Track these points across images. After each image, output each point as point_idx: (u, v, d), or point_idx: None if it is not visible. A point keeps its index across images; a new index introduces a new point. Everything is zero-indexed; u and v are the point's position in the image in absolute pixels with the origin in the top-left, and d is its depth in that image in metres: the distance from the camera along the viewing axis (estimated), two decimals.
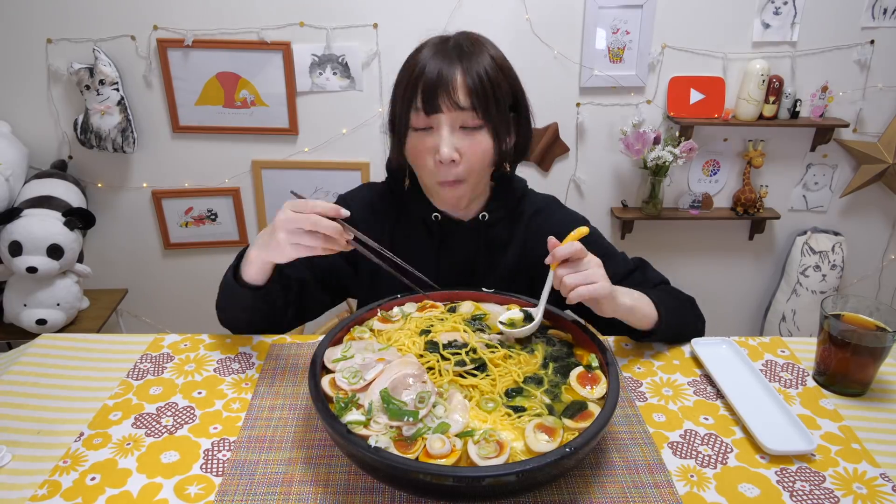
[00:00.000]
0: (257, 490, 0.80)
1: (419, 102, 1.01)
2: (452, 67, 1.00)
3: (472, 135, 1.03)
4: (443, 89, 0.99)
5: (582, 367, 0.89)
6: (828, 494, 0.80)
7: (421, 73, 1.01)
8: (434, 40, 1.06)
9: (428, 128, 1.04)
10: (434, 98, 1.00)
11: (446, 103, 1.00)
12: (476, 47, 1.04)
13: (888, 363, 1.01)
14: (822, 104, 2.22)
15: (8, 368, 1.03)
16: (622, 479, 0.82)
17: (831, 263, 2.43)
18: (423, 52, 1.04)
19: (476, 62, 1.01)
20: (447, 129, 1.02)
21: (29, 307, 1.99)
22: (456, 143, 1.03)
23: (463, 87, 1.00)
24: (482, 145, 1.05)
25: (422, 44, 1.07)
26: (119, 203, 2.31)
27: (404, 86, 1.04)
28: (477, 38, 1.07)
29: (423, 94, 1.00)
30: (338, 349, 0.92)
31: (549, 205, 1.24)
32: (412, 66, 1.04)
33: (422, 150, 1.06)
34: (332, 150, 2.28)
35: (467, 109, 1.01)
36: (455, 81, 1.00)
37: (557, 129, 2.27)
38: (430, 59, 1.02)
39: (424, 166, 1.08)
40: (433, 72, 1.00)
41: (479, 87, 1.00)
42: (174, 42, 2.08)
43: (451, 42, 1.04)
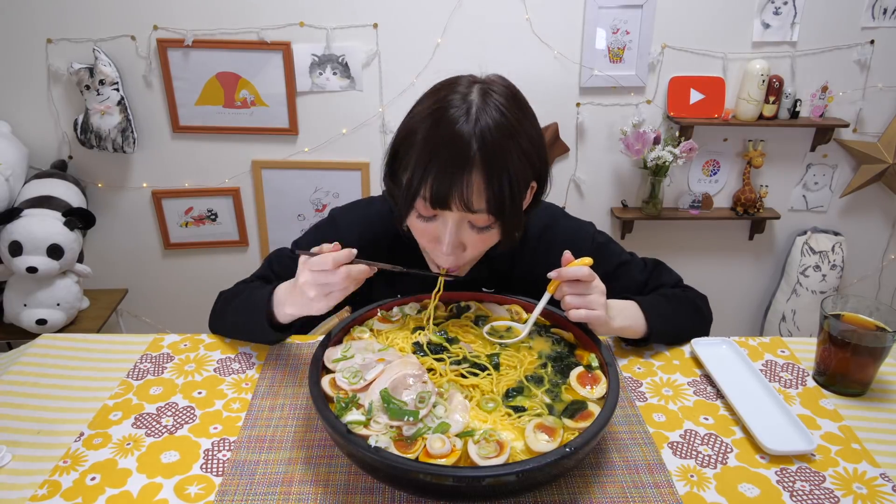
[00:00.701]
0: (257, 490, 0.80)
1: (427, 193, 0.88)
2: (471, 171, 0.86)
3: (481, 231, 0.94)
4: (456, 192, 0.87)
5: (582, 367, 0.89)
6: (828, 494, 0.80)
7: (435, 157, 0.87)
8: (454, 106, 0.88)
9: (433, 217, 0.94)
10: (445, 196, 0.88)
11: (457, 205, 0.88)
12: (504, 137, 0.87)
13: (888, 363, 1.01)
14: (822, 104, 2.22)
15: (8, 368, 1.03)
16: (622, 479, 0.82)
17: (831, 263, 2.43)
18: (441, 122, 0.87)
19: (499, 163, 0.87)
20: (454, 226, 0.92)
21: (29, 307, 1.99)
22: (461, 238, 0.95)
23: (479, 195, 0.88)
24: (490, 240, 0.97)
25: (441, 100, 0.90)
26: (119, 203, 2.31)
27: (415, 163, 0.89)
28: (506, 118, 0.89)
29: (435, 186, 0.88)
30: (338, 349, 0.92)
31: (554, 220, 1.16)
32: (428, 141, 0.88)
33: (423, 233, 0.97)
34: (332, 150, 2.28)
35: (481, 212, 0.90)
36: (472, 187, 0.87)
37: (557, 129, 2.27)
38: (448, 139, 0.86)
39: (423, 245, 1.01)
40: (449, 163, 0.86)
41: (498, 196, 0.88)
42: (174, 42, 2.08)
43: (472, 113, 0.87)
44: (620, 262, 1.17)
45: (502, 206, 0.89)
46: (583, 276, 0.93)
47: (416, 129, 0.90)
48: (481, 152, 0.86)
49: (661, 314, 1.08)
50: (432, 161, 0.87)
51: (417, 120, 0.91)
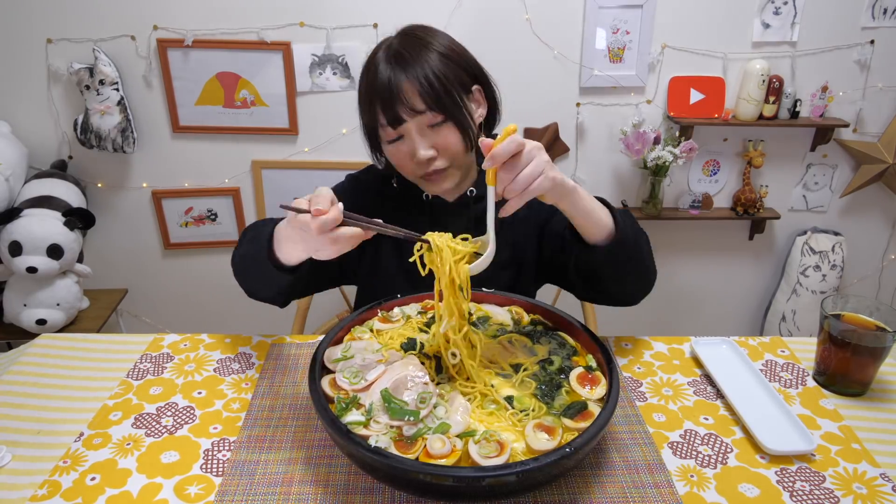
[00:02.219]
0: (257, 490, 0.80)
1: (382, 119, 1.08)
2: (399, 77, 1.05)
3: (439, 130, 1.08)
4: (398, 101, 1.04)
5: (582, 367, 0.89)
6: (828, 494, 0.80)
7: (374, 90, 1.07)
8: (381, 50, 1.10)
9: (399, 137, 1.10)
10: (393, 111, 1.05)
11: (406, 112, 1.05)
12: (417, 48, 1.07)
13: (888, 363, 1.01)
14: (822, 104, 2.22)
15: (8, 368, 1.03)
16: (622, 479, 0.82)
17: (831, 263, 2.43)
18: (371, 66, 1.10)
19: (419, 64, 1.05)
20: (416, 134, 1.08)
21: (29, 307, 1.99)
22: (429, 142, 1.08)
23: (414, 94, 1.04)
24: (451, 137, 1.09)
25: (372, 52, 1.12)
26: (119, 203, 2.31)
27: (365, 105, 1.11)
28: (418, 36, 1.11)
29: (383, 110, 1.07)
30: (338, 349, 0.92)
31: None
32: (366, 83, 1.11)
33: (400, 157, 1.12)
34: (331, 150, 2.27)
35: (426, 112, 1.05)
36: (406, 91, 1.04)
37: (557, 129, 2.27)
38: (378, 73, 1.07)
39: (407, 169, 1.14)
40: (384, 87, 1.05)
41: (428, 89, 1.04)
42: (174, 42, 2.08)
43: (394, 49, 1.08)
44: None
45: (439, 97, 1.05)
46: (514, 149, 0.82)
47: (360, 84, 1.13)
48: (403, 67, 1.05)
49: (626, 222, 1.00)
50: (373, 95, 1.07)
51: (360, 78, 1.14)
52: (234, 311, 2.42)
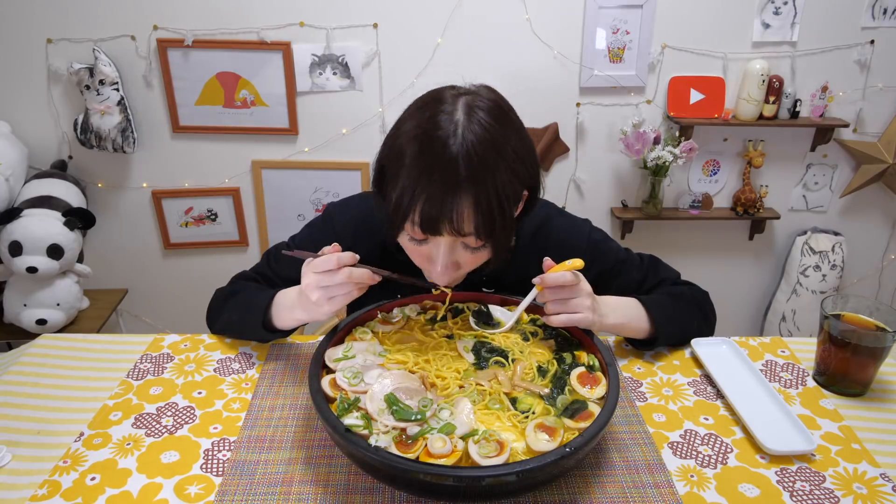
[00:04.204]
0: (257, 490, 0.80)
1: (416, 219, 0.87)
2: (460, 196, 0.84)
3: (473, 251, 0.93)
4: (446, 218, 0.85)
5: (583, 367, 0.89)
6: (828, 494, 0.80)
7: (421, 193, 0.85)
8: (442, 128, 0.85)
9: (425, 240, 0.93)
10: (436, 223, 0.86)
11: (448, 229, 0.87)
12: (492, 155, 0.85)
13: (888, 363, 1.01)
14: (822, 104, 2.22)
15: (8, 368, 1.03)
16: (622, 479, 0.82)
17: (831, 263, 2.43)
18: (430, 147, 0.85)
19: (490, 187, 0.85)
20: (446, 248, 0.91)
21: (29, 307, 1.99)
22: (454, 258, 0.94)
23: (469, 219, 0.86)
24: (482, 257, 0.96)
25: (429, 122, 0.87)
26: (119, 203, 2.31)
27: (404, 186, 0.86)
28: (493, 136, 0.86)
29: (423, 213, 0.86)
30: (339, 349, 0.92)
31: (548, 218, 1.13)
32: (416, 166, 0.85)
33: (415, 253, 0.97)
34: (332, 150, 2.27)
35: (470, 235, 0.88)
36: (461, 212, 0.85)
37: (557, 129, 2.27)
38: (433, 174, 0.84)
39: (416, 262, 1.00)
40: (437, 198, 0.84)
41: (488, 218, 0.86)
42: (174, 42, 2.08)
43: (468, 144, 0.84)
44: (618, 260, 1.16)
45: (492, 227, 0.87)
46: (565, 282, 0.92)
47: (402, 151, 0.88)
48: (468, 176, 0.84)
49: (667, 315, 1.07)
50: (420, 187, 0.85)
51: (404, 140, 0.88)
52: None
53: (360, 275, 0.90)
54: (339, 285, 0.89)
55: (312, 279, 0.90)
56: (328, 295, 0.90)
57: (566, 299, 0.94)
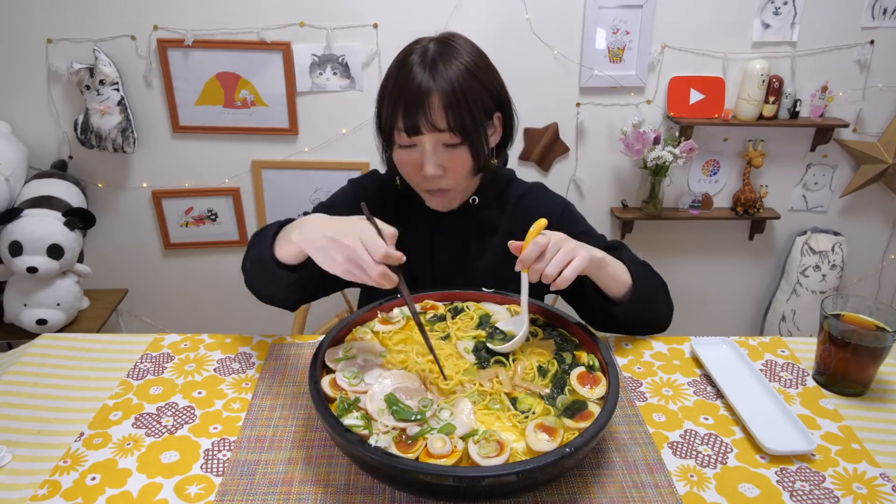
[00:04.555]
0: (257, 490, 0.80)
1: (401, 124, 1.05)
2: (429, 86, 1.03)
3: (453, 151, 1.07)
4: (421, 113, 1.03)
5: (583, 367, 0.89)
6: (828, 494, 0.80)
7: (401, 91, 1.04)
8: (416, 52, 1.07)
9: (412, 145, 1.08)
10: (414, 121, 1.04)
11: (426, 125, 1.03)
12: (452, 59, 1.05)
13: (888, 363, 1.01)
14: (821, 104, 2.22)
15: (8, 368, 1.03)
16: (622, 479, 0.82)
17: (831, 263, 2.43)
18: (404, 66, 1.06)
19: (452, 79, 1.03)
20: (430, 148, 1.06)
21: (29, 307, 1.99)
22: (439, 160, 1.08)
23: (440, 110, 1.03)
24: (464, 160, 1.09)
25: (404, 53, 1.08)
26: (119, 203, 2.31)
27: (389, 103, 1.07)
28: (454, 47, 1.07)
29: (404, 115, 1.04)
30: (339, 349, 0.92)
31: (534, 189, 1.28)
32: (395, 82, 1.06)
33: (407, 164, 1.11)
34: (332, 150, 2.28)
35: (445, 130, 1.04)
36: (432, 105, 1.02)
37: (557, 129, 2.27)
38: (411, 76, 1.04)
39: (411, 177, 1.14)
40: (413, 92, 1.03)
41: (458, 114, 1.03)
42: (174, 42, 2.08)
43: (430, 55, 1.05)
44: (582, 231, 1.20)
45: (463, 122, 1.04)
46: (541, 246, 0.93)
47: (386, 79, 1.09)
48: (436, 79, 1.02)
49: (642, 275, 1.08)
50: (399, 97, 1.04)
51: (387, 73, 1.09)
52: (234, 311, 2.42)
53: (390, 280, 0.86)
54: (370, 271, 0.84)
55: (354, 243, 0.85)
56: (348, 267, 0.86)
57: (553, 259, 0.93)
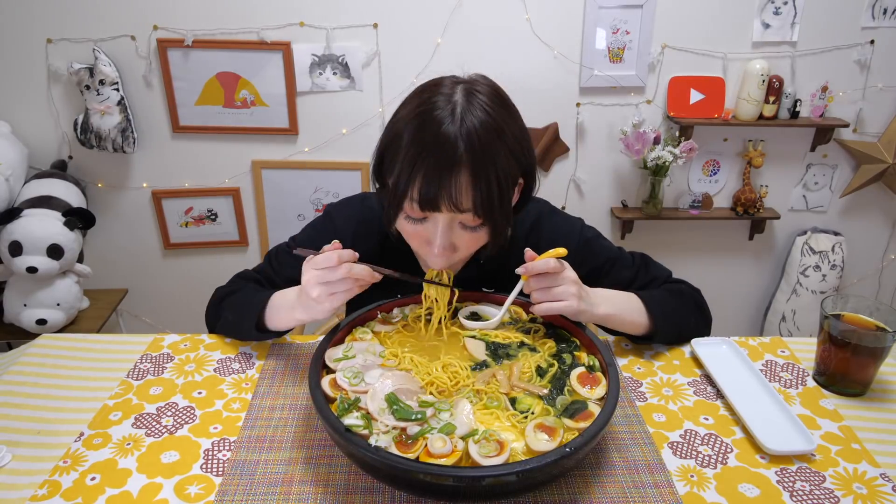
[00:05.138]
0: (257, 490, 0.80)
1: (416, 194, 0.88)
2: (458, 162, 0.86)
3: (471, 231, 0.94)
4: (445, 193, 0.87)
5: (582, 367, 0.89)
6: (828, 494, 0.80)
7: (422, 159, 0.87)
8: (446, 108, 0.87)
9: (423, 219, 0.93)
10: (434, 197, 0.88)
11: (447, 205, 0.88)
12: (492, 137, 0.87)
13: (888, 363, 1.01)
14: (822, 104, 2.22)
15: (8, 368, 1.03)
16: (622, 479, 0.82)
17: (831, 263, 2.43)
18: (428, 124, 0.87)
19: (489, 164, 0.87)
20: (444, 227, 0.92)
21: (29, 307, 1.99)
22: (452, 238, 0.94)
23: (467, 194, 0.87)
24: (480, 240, 0.97)
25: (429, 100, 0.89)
26: (119, 203, 2.31)
27: (405, 166, 0.88)
28: (494, 119, 0.88)
29: (423, 188, 0.87)
30: (339, 349, 0.92)
31: (542, 215, 1.15)
32: (415, 143, 0.87)
33: (413, 236, 0.97)
34: (332, 150, 2.28)
35: (469, 212, 0.90)
36: (460, 187, 0.87)
37: (557, 129, 2.27)
38: (435, 141, 0.86)
39: (415, 245, 1.01)
40: (438, 167, 0.86)
41: (487, 195, 0.88)
42: (174, 42, 2.08)
43: (457, 113, 0.87)
44: (609, 258, 1.16)
45: (491, 205, 0.89)
46: (549, 269, 0.92)
47: (401, 132, 0.90)
48: (468, 152, 0.85)
49: (665, 310, 1.06)
50: (419, 163, 0.87)
51: (402, 123, 0.90)
52: None
53: (360, 271, 0.90)
54: (340, 281, 0.89)
55: (313, 275, 0.90)
56: (329, 291, 0.90)
57: (550, 287, 0.93)
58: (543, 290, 0.93)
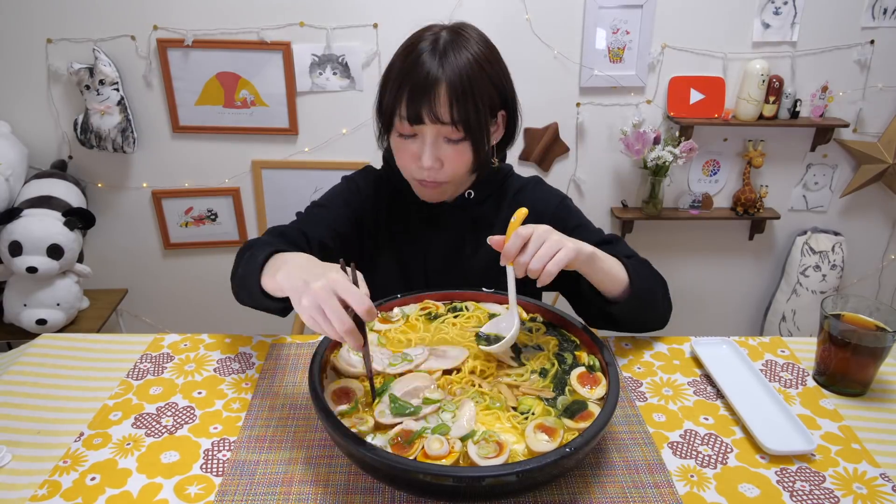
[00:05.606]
0: (257, 490, 0.80)
1: (403, 111, 1.02)
2: (437, 76, 1.00)
3: (454, 145, 1.05)
4: (426, 103, 1.00)
5: (583, 367, 0.89)
6: (828, 494, 0.80)
7: (408, 77, 1.01)
8: (427, 38, 1.04)
9: (412, 135, 1.05)
10: (418, 110, 1.01)
11: (429, 116, 1.01)
12: (462, 50, 1.02)
13: (888, 363, 1.01)
14: (822, 104, 2.22)
15: (8, 368, 1.03)
16: (622, 479, 0.82)
17: (831, 263, 2.43)
18: (412, 51, 1.03)
19: (461, 69, 1.00)
20: (430, 140, 1.04)
21: (29, 307, 1.99)
22: (438, 153, 1.05)
23: (445, 102, 1.00)
24: (464, 156, 1.06)
25: (414, 38, 1.06)
26: (119, 203, 2.31)
27: (393, 88, 1.04)
28: (465, 38, 1.04)
29: (408, 104, 1.01)
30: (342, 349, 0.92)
31: (531, 182, 1.26)
32: (401, 66, 1.03)
33: (404, 153, 1.08)
34: (332, 150, 2.28)
35: (449, 124, 1.01)
36: (438, 96, 1.00)
37: (557, 129, 2.27)
38: (419, 62, 1.01)
39: (406, 165, 1.11)
40: (420, 79, 1.00)
41: (463, 109, 1.00)
42: (174, 42, 2.08)
43: (442, 43, 1.03)
44: (579, 224, 1.18)
45: (468, 117, 1.01)
46: (524, 238, 0.89)
47: (393, 62, 1.06)
48: (446, 69, 0.99)
49: (639, 272, 1.04)
50: (404, 82, 1.01)
51: (394, 56, 1.06)
52: (234, 311, 2.40)
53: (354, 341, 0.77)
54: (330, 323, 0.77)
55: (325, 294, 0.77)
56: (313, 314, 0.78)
57: (537, 251, 0.88)
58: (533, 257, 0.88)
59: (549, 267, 0.88)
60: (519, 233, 0.90)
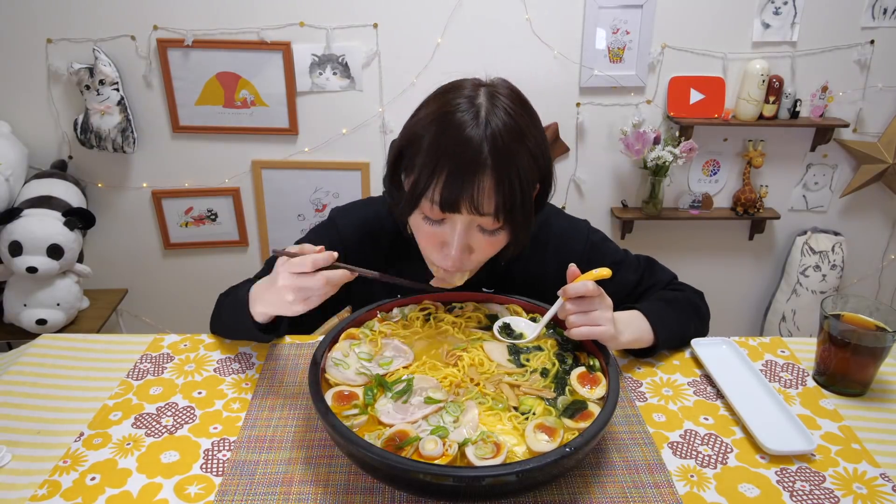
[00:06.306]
0: (257, 490, 0.80)
1: (437, 196, 0.87)
2: (484, 168, 0.85)
3: (489, 235, 0.93)
4: (466, 192, 0.86)
5: (583, 367, 0.89)
6: (828, 494, 0.80)
7: (444, 161, 0.86)
8: (468, 110, 0.87)
9: (441, 220, 0.92)
10: (455, 199, 0.86)
11: (467, 207, 0.87)
12: (516, 139, 0.87)
13: (888, 363, 1.01)
14: (822, 104, 2.22)
15: (8, 368, 1.03)
16: (622, 479, 0.82)
17: (831, 263, 2.43)
18: (452, 126, 0.86)
19: (512, 168, 0.86)
20: (462, 229, 0.91)
21: (29, 307, 1.99)
22: (469, 241, 0.93)
23: (489, 197, 0.87)
24: (497, 244, 0.95)
25: (449, 104, 0.89)
26: (119, 203, 2.31)
27: (424, 164, 0.88)
28: (517, 122, 0.89)
29: (444, 190, 0.86)
30: (338, 350, 0.92)
31: (547, 218, 1.15)
32: (438, 143, 0.87)
33: (430, 239, 0.95)
34: (332, 150, 2.28)
35: (489, 216, 0.89)
36: (482, 190, 0.86)
37: (557, 129, 2.27)
38: (458, 141, 0.85)
39: (427, 250, 0.98)
40: (460, 166, 0.85)
41: (509, 199, 0.87)
42: (174, 42, 2.08)
43: (482, 116, 0.86)
44: (614, 262, 1.15)
45: (512, 209, 0.88)
46: (588, 293, 0.91)
47: (422, 133, 0.89)
48: (492, 155, 0.85)
49: (667, 324, 1.06)
50: (441, 164, 0.86)
51: (424, 124, 0.90)
52: None
53: (338, 277, 0.86)
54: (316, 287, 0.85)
55: (289, 280, 0.85)
56: (304, 296, 0.86)
57: (588, 311, 0.91)
58: (581, 313, 0.91)
59: (583, 331, 0.90)
60: (590, 285, 0.91)
